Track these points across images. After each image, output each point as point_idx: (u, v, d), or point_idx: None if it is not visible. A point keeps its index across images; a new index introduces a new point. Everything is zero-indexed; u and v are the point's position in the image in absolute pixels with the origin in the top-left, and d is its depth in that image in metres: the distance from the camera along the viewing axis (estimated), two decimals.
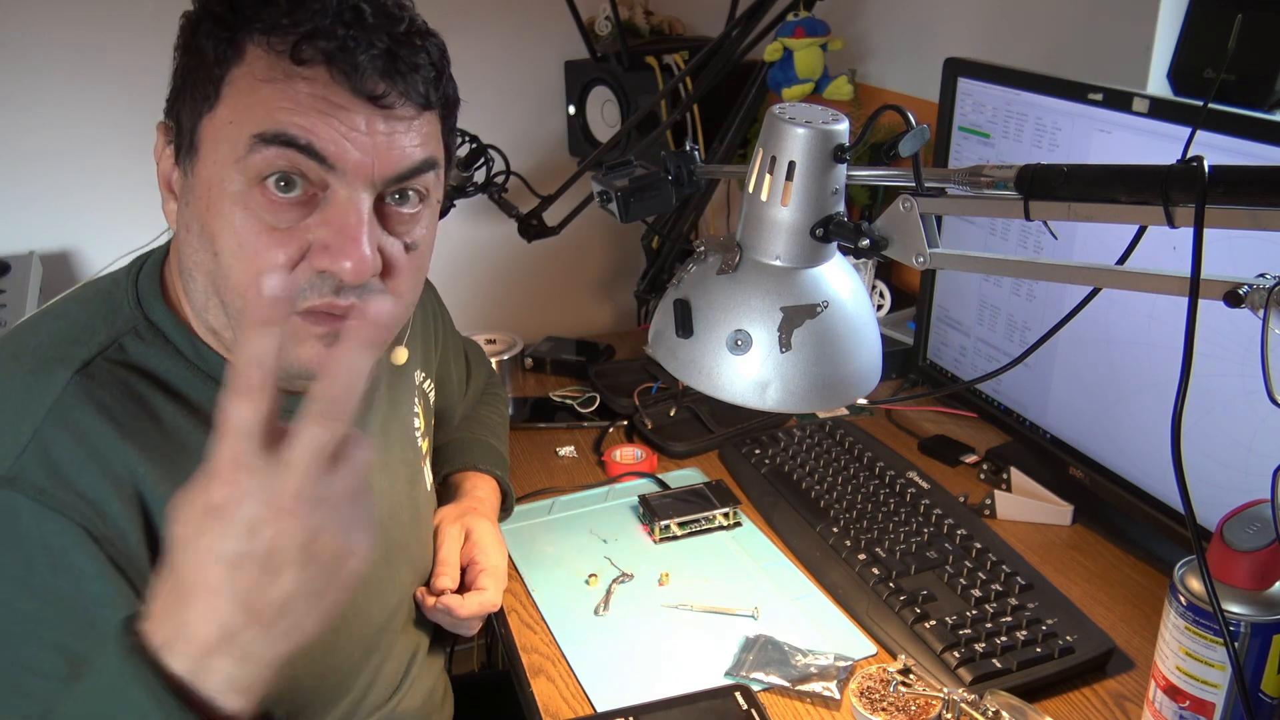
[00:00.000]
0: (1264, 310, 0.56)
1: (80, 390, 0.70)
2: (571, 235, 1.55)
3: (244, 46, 0.68)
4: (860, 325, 0.75)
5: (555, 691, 0.96)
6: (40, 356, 0.72)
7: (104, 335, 0.74)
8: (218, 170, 0.69)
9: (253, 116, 0.68)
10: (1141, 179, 0.61)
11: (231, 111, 0.69)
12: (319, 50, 0.68)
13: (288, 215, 0.69)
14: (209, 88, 0.69)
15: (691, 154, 0.80)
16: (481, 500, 1.08)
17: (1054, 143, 1.13)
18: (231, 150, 0.69)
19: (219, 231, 0.70)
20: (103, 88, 1.54)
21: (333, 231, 0.69)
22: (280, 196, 0.69)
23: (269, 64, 0.68)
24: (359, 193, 0.70)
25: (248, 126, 0.68)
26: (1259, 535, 0.74)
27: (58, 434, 0.68)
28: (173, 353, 0.75)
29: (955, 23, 1.47)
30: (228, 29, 0.68)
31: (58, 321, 0.76)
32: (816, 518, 1.16)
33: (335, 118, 0.68)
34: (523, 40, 1.76)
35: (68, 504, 0.67)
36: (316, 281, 0.70)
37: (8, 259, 1.51)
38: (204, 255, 0.71)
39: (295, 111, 0.67)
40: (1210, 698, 0.77)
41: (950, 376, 1.38)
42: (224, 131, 0.69)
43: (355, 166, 0.69)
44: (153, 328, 0.76)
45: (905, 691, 0.88)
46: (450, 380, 1.16)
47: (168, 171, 0.75)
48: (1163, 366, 1.03)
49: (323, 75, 0.68)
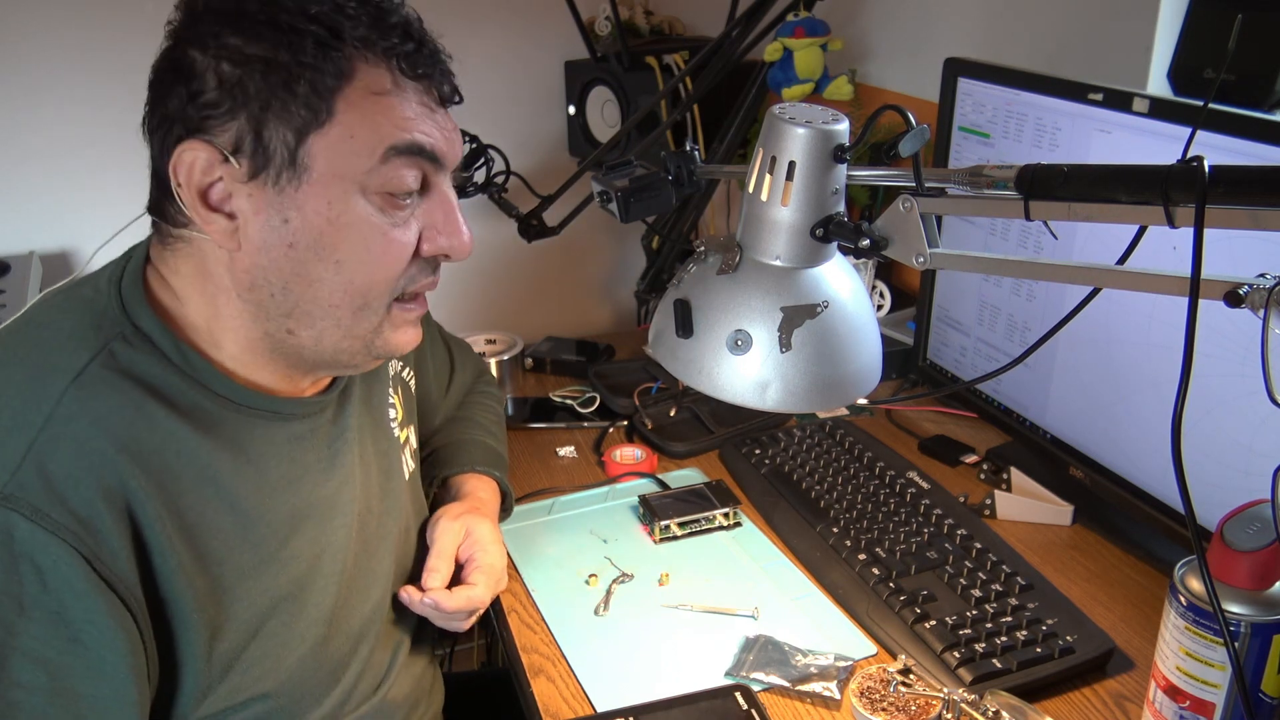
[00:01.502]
0: (1264, 310, 0.56)
1: (76, 401, 0.71)
2: (571, 235, 1.55)
3: (354, 65, 0.73)
4: (860, 325, 0.75)
5: (555, 691, 0.96)
6: (32, 366, 0.72)
7: (94, 342, 0.74)
8: (339, 184, 0.73)
9: (379, 128, 0.73)
10: (1141, 179, 0.60)
11: (350, 127, 0.73)
12: (416, 64, 0.75)
13: (405, 214, 0.77)
14: (316, 104, 0.71)
15: (691, 154, 0.80)
16: (483, 501, 1.08)
17: (1054, 143, 1.13)
18: (359, 163, 0.73)
19: (342, 243, 0.75)
20: (103, 88, 1.54)
21: (443, 216, 0.79)
22: (400, 200, 0.76)
23: (381, 78, 0.74)
24: (449, 180, 0.80)
25: (377, 139, 0.73)
26: (1259, 535, 0.74)
27: (54, 448, 0.69)
28: (160, 358, 0.76)
29: (955, 23, 1.47)
30: (332, 47, 0.71)
31: (43, 330, 0.76)
32: (816, 518, 1.16)
33: (433, 120, 0.77)
34: (523, 40, 1.76)
35: (61, 525, 0.67)
36: (424, 265, 0.80)
37: (8, 259, 1.51)
38: (321, 268, 0.75)
39: (416, 120, 0.75)
40: (1210, 698, 0.77)
41: (950, 376, 1.38)
42: (346, 146, 0.73)
43: (452, 159, 0.79)
44: (139, 333, 0.76)
45: (905, 691, 0.88)
46: (428, 370, 1.16)
47: (204, 187, 0.73)
48: (1163, 366, 1.03)
49: (422, 85, 0.76)
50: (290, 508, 0.82)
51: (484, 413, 1.24)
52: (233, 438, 0.78)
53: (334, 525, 0.86)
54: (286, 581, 0.81)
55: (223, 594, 0.77)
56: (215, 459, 0.76)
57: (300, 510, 0.83)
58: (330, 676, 0.87)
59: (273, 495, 0.81)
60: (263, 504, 0.80)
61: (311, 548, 0.84)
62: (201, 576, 0.75)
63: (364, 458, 0.93)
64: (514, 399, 1.52)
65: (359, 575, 0.90)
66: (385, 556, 0.94)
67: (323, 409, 0.87)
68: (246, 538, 0.78)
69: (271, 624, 0.80)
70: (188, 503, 0.74)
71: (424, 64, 0.76)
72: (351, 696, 0.90)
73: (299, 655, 0.83)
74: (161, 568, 0.73)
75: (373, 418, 0.96)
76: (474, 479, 1.12)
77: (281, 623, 0.81)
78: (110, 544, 0.69)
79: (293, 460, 0.83)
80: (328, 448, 0.87)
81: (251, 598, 0.78)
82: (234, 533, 0.77)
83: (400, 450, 1.00)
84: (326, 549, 0.85)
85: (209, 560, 0.76)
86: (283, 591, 0.81)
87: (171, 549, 0.73)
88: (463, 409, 1.24)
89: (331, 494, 0.86)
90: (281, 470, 0.82)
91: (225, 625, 0.77)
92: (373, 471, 0.94)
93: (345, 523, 0.88)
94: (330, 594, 0.85)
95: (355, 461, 0.91)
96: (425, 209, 0.78)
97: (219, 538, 0.76)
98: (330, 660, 0.86)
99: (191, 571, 0.74)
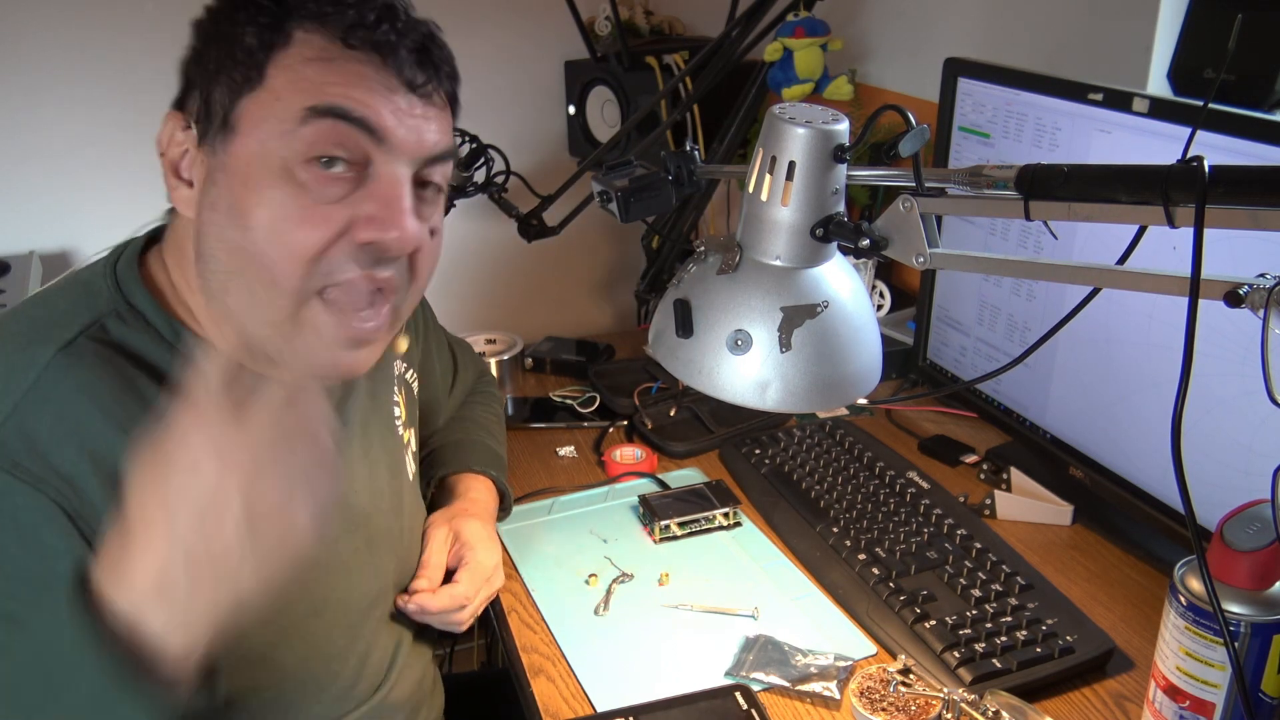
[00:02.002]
0: (1264, 310, 0.56)
1: (62, 368, 0.70)
2: (571, 235, 1.55)
3: (291, 33, 0.71)
4: (860, 325, 0.75)
5: (555, 691, 0.96)
6: (23, 338, 0.73)
7: (85, 317, 0.74)
8: (259, 145, 0.71)
9: (304, 91, 0.70)
10: (1141, 179, 0.60)
11: (278, 89, 0.71)
12: (367, 39, 0.71)
13: (333, 189, 0.71)
14: (251, 70, 0.71)
15: (691, 154, 0.80)
16: (474, 501, 1.08)
17: (1054, 143, 1.13)
18: (279, 125, 0.70)
19: (254, 206, 0.71)
20: (103, 88, 1.54)
21: (380, 204, 0.72)
22: (324, 172, 0.71)
23: (319, 47, 0.71)
24: (402, 168, 0.73)
25: (298, 100, 0.70)
26: (1259, 535, 0.74)
27: (38, 410, 0.68)
28: (153, 335, 0.76)
29: (955, 23, 1.47)
30: (272, 16, 0.71)
31: (39, 308, 0.77)
32: (816, 518, 1.16)
33: (383, 96, 0.72)
34: (523, 40, 1.76)
35: (41, 479, 0.66)
36: (356, 254, 0.73)
37: (8, 259, 1.51)
38: (233, 232, 0.72)
39: (348, 86, 0.71)
40: (1210, 698, 0.77)
41: (950, 376, 1.38)
42: (270, 108, 0.71)
43: (401, 141, 0.72)
44: (133, 310, 0.76)
45: (905, 691, 0.88)
46: (434, 371, 1.16)
47: (177, 158, 0.75)
48: (1163, 366, 1.03)
49: (373, 60, 0.72)
50: None
51: (484, 412, 1.24)
52: None
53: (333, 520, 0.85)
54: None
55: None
56: None
57: None
58: (325, 669, 0.87)
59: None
60: None
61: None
62: None
63: (370, 454, 0.93)
64: (514, 399, 1.52)
65: (357, 567, 0.90)
66: (387, 553, 0.94)
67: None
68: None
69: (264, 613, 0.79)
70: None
71: (380, 39, 0.71)
72: (351, 695, 0.90)
73: (292, 644, 0.82)
74: None
75: (379, 415, 0.96)
76: (469, 479, 1.12)
77: (274, 611, 0.80)
78: (94, 503, 0.68)
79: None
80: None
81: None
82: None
83: (404, 451, 1.00)
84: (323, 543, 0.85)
85: None
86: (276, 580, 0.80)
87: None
88: (463, 409, 1.24)
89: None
90: None
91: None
92: (380, 469, 0.94)
93: (345, 519, 0.87)
94: (325, 584, 0.85)
95: (358, 455, 0.90)
96: (365, 192, 0.72)
97: None
98: (325, 653, 0.86)
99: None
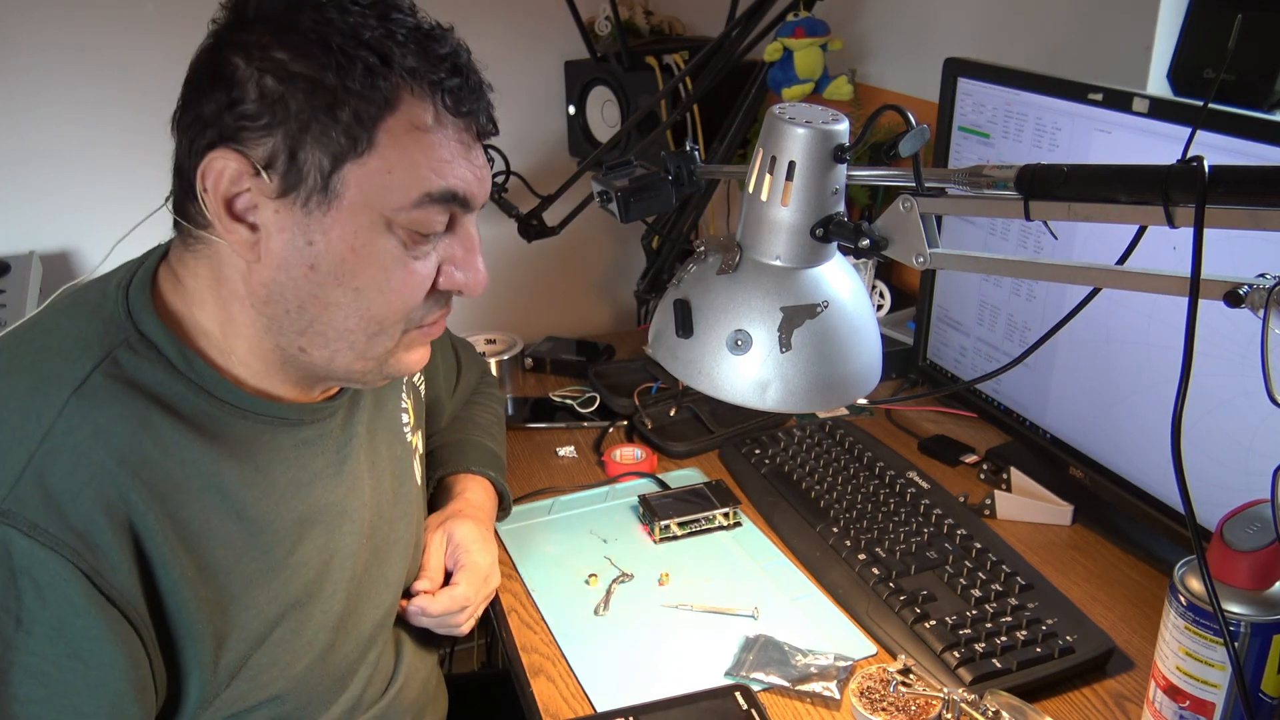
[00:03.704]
0: (1264, 310, 0.56)
1: (77, 412, 0.70)
2: (571, 235, 1.55)
3: (400, 98, 0.71)
4: (860, 325, 0.75)
5: (555, 691, 0.96)
6: (35, 375, 0.72)
7: (97, 350, 0.73)
8: (369, 216, 0.72)
9: (417, 172, 0.72)
10: (1141, 179, 0.60)
11: (388, 162, 0.72)
12: (456, 97, 0.74)
13: (427, 247, 0.77)
14: (357, 133, 0.70)
15: (691, 154, 0.80)
16: (469, 502, 1.08)
17: (1054, 143, 1.13)
18: (392, 200, 0.72)
19: (362, 270, 0.74)
20: (103, 88, 1.54)
21: (462, 253, 0.78)
22: (424, 236, 0.76)
23: (422, 111, 0.72)
24: (474, 219, 0.79)
25: (413, 182, 0.72)
26: (1259, 535, 0.74)
27: (53, 460, 0.68)
28: (165, 365, 0.75)
29: (955, 23, 1.47)
30: (381, 76, 0.70)
31: (49, 336, 0.75)
32: (816, 518, 1.16)
33: (469, 160, 0.76)
34: (523, 40, 1.76)
35: (60, 541, 0.67)
36: (440, 298, 0.80)
37: (8, 259, 1.51)
38: (338, 293, 0.74)
39: (453, 164, 0.74)
40: (1210, 698, 0.77)
41: (950, 376, 1.38)
42: (382, 181, 0.72)
43: (479, 198, 0.78)
44: (144, 340, 0.75)
45: (905, 691, 0.88)
46: (438, 373, 1.16)
47: (230, 195, 0.72)
48: (1162, 366, 1.03)
49: (459, 123, 0.75)
50: (298, 514, 0.81)
51: (484, 413, 1.24)
52: (239, 444, 0.78)
53: (343, 531, 0.86)
54: (295, 589, 0.81)
55: (229, 603, 0.76)
56: (221, 467, 0.76)
57: (308, 516, 0.82)
58: (338, 682, 0.87)
59: (281, 501, 0.80)
60: (270, 511, 0.79)
61: (320, 554, 0.83)
62: (207, 586, 0.74)
63: (376, 463, 0.93)
64: (514, 399, 1.52)
65: (368, 581, 0.89)
66: (396, 562, 0.94)
67: (332, 414, 0.86)
68: (254, 545, 0.78)
69: (279, 632, 0.79)
70: (191, 512, 0.74)
71: (468, 100, 0.74)
72: (360, 701, 0.90)
73: (306, 662, 0.82)
74: (165, 580, 0.72)
75: (386, 422, 0.96)
76: (466, 479, 1.11)
77: (289, 630, 0.80)
78: (110, 558, 0.68)
79: (301, 466, 0.82)
80: (336, 453, 0.86)
81: (259, 606, 0.78)
82: (241, 541, 0.77)
83: (412, 456, 1.00)
84: (335, 555, 0.85)
85: (215, 569, 0.75)
86: (291, 599, 0.80)
87: (175, 560, 0.72)
88: (464, 409, 1.24)
89: (340, 499, 0.86)
90: (290, 476, 0.81)
91: (231, 634, 0.76)
92: (385, 477, 0.94)
93: (355, 528, 0.87)
94: (339, 600, 0.85)
95: (365, 467, 0.90)
96: (447, 244, 0.78)
97: (225, 546, 0.76)
98: (339, 666, 0.86)
99: (196, 582, 0.74)
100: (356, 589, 0.87)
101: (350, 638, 0.87)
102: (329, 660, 0.85)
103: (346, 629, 0.86)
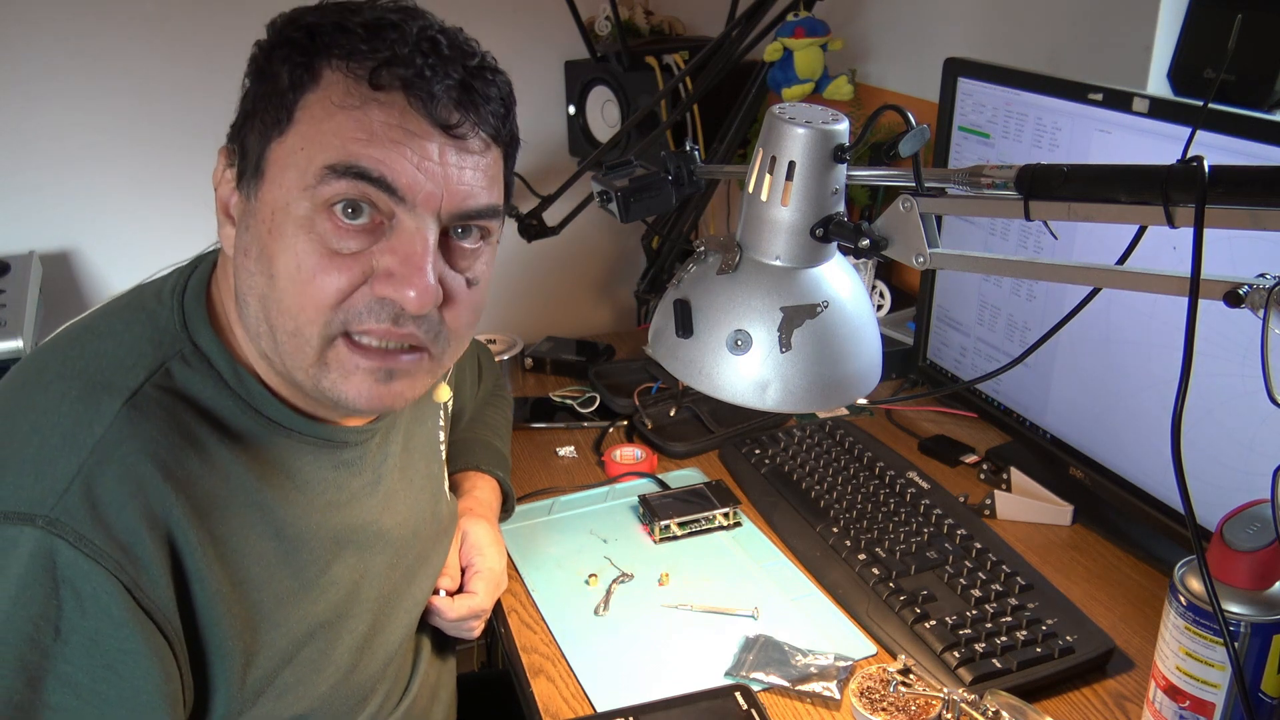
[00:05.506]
0: (1264, 310, 0.56)
1: (127, 424, 0.69)
2: (571, 235, 1.55)
3: (320, 72, 0.69)
4: (860, 325, 0.75)
5: (555, 691, 0.96)
6: (88, 381, 0.71)
7: (151, 360, 0.73)
8: (283, 195, 0.69)
9: (325, 146, 0.68)
10: (1141, 179, 0.60)
11: (302, 138, 0.69)
12: (397, 77, 0.68)
13: (353, 241, 0.70)
14: (280, 113, 0.69)
15: (691, 154, 0.80)
16: (480, 500, 1.08)
17: (1054, 143, 1.13)
18: (300, 177, 0.69)
19: (277, 254, 0.70)
20: (103, 87, 1.54)
21: (398, 260, 0.70)
22: (346, 223, 0.69)
23: (346, 89, 0.68)
24: (426, 223, 0.70)
25: (319, 156, 0.68)
26: (1259, 535, 0.74)
27: (103, 472, 0.67)
28: (216, 380, 0.74)
29: (955, 23, 1.47)
30: (305, 54, 0.69)
31: (103, 341, 0.74)
32: (816, 518, 1.16)
33: (409, 146, 0.68)
34: (523, 40, 1.76)
35: (103, 552, 0.66)
36: (375, 307, 0.71)
37: (8, 259, 1.51)
38: (260, 280, 0.71)
39: (369, 142, 0.68)
40: (1210, 698, 0.77)
41: (950, 376, 1.38)
42: (293, 158, 0.69)
43: (425, 198, 0.69)
44: (198, 352, 0.74)
45: (905, 691, 0.88)
46: (465, 383, 1.16)
47: (226, 196, 0.74)
48: (1163, 366, 1.03)
49: (399, 101, 0.68)
50: (333, 534, 0.81)
51: (494, 414, 1.25)
52: (282, 462, 0.77)
53: (374, 551, 0.85)
54: (324, 608, 0.80)
55: (260, 620, 0.75)
56: (263, 484, 0.75)
57: (343, 536, 0.82)
58: (360, 700, 0.87)
59: (318, 521, 0.80)
60: (308, 529, 0.79)
61: (351, 574, 0.83)
62: (240, 603, 0.74)
63: (413, 480, 0.92)
64: (514, 399, 1.52)
65: (396, 600, 0.89)
66: (425, 581, 0.94)
67: (371, 435, 0.85)
68: (288, 563, 0.77)
69: (307, 651, 0.79)
70: (230, 528, 0.73)
71: (410, 77, 0.68)
72: (378, 714, 0.90)
73: (332, 682, 0.82)
74: (200, 595, 0.71)
75: (424, 440, 0.95)
76: (474, 477, 1.12)
77: (317, 650, 0.80)
78: (150, 572, 0.68)
79: (339, 486, 0.82)
80: (373, 473, 0.86)
81: (289, 624, 0.77)
82: (276, 558, 0.76)
83: (444, 471, 1.00)
84: (366, 575, 0.84)
85: (248, 586, 0.74)
86: (320, 618, 0.80)
87: (211, 576, 0.71)
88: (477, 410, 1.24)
89: (374, 520, 0.85)
90: (328, 496, 0.81)
91: (260, 652, 0.75)
92: (423, 497, 0.94)
93: (387, 549, 0.87)
94: (366, 621, 0.85)
95: (400, 486, 0.90)
96: (385, 245, 0.70)
97: (260, 563, 0.75)
98: (362, 685, 0.86)
99: (230, 599, 0.73)
100: (384, 609, 0.87)
101: (375, 657, 0.87)
102: (352, 679, 0.84)
103: (372, 648, 0.86)
